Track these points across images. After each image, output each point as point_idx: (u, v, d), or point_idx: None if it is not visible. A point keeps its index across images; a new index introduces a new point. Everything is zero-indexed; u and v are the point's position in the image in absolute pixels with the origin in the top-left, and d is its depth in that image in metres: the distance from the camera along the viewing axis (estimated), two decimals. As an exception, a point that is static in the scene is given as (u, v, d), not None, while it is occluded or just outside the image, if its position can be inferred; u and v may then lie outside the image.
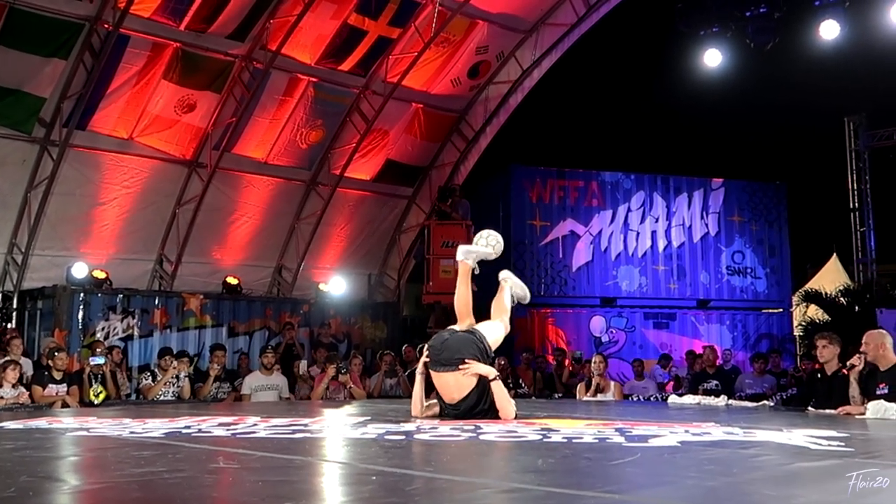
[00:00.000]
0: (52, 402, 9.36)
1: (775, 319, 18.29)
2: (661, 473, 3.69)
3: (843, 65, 15.96)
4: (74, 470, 3.90)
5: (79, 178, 13.68)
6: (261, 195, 15.58)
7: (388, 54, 15.04)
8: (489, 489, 3.12)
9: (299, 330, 14.81)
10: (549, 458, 3.99)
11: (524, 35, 16.16)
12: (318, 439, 4.84)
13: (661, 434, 4.80)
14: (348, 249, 17.01)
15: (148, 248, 14.80)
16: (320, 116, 15.29)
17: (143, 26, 12.85)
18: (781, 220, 18.54)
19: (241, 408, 8.81)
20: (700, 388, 11.30)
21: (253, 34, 13.71)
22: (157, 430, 5.14)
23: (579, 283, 17.36)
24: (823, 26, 13.64)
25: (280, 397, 10.86)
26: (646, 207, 17.89)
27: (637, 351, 16.37)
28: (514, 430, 5.07)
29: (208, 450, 4.40)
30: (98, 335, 13.16)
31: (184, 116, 14.07)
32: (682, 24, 14.81)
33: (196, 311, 14.35)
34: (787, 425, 5.48)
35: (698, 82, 15.38)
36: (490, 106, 16.96)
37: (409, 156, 16.82)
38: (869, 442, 4.89)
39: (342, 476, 3.62)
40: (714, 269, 18.07)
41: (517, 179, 17.26)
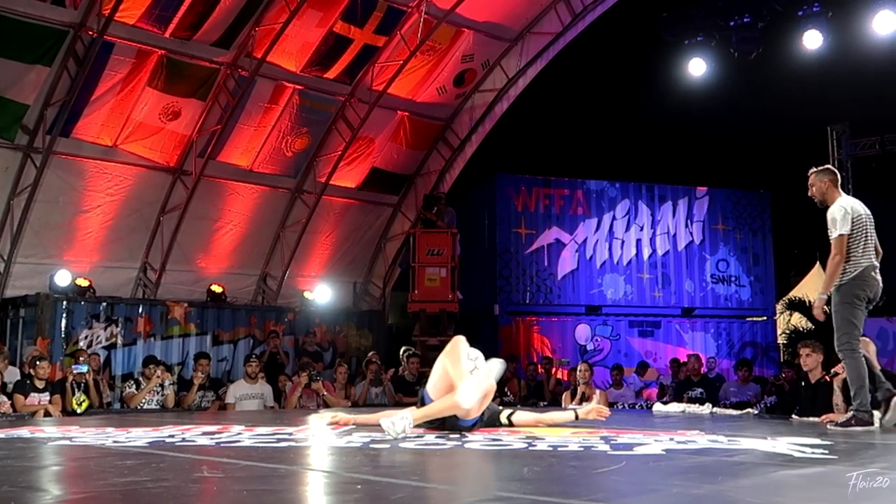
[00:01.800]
0: (34, 411, 9.29)
1: (759, 327, 18.37)
2: (646, 481, 3.70)
3: (826, 74, 16.08)
4: (57, 480, 3.87)
5: (62, 186, 13.60)
6: (246, 203, 15.54)
7: (374, 62, 15.05)
8: (474, 498, 3.12)
9: (284, 338, 14.75)
10: (534, 467, 3.99)
11: (510, 44, 16.20)
12: (302, 448, 4.83)
13: (646, 442, 4.81)
14: (333, 257, 16.98)
15: (132, 255, 14.72)
16: (306, 124, 15.27)
17: (127, 33, 12.81)
18: (765, 229, 18.64)
19: (226, 417, 8.78)
20: (685, 396, 11.34)
21: (238, 42, 13.69)
22: (140, 439, 5.12)
23: (564, 292, 17.38)
24: (806, 36, 13.73)
25: (265, 406, 10.82)
26: (631, 216, 17.94)
27: (622, 359, 16.38)
28: (499, 438, 5.07)
29: (192, 459, 4.38)
30: (81, 343, 13.07)
31: (168, 124, 14.02)
32: (667, 34, 14.88)
33: (180, 319, 14.28)
34: (771, 433, 5.51)
35: (683, 91, 15.45)
36: (476, 114, 16.99)
37: (394, 164, 16.82)
38: (852, 449, 4.91)
39: (327, 485, 3.61)
40: (699, 277, 18.14)
41: (503, 187, 17.28)
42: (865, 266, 6.53)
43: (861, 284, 6.51)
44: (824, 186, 6.88)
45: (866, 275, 6.53)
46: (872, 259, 6.60)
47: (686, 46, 14.78)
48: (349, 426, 5.80)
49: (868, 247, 6.60)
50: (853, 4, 13.63)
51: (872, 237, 6.68)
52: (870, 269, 6.55)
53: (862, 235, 6.59)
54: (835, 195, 6.83)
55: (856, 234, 6.59)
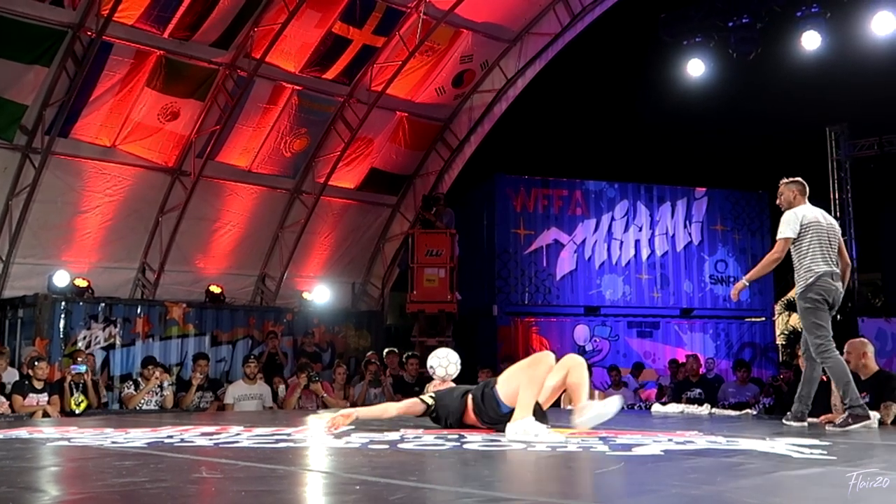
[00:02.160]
0: (32, 411, 9.29)
1: (758, 328, 18.37)
2: (645, 482, 3.69)
3: (824, 75, 16.09)
4: (55, 480, 3.87)
5: (61, 186, 13.59)
6: (244, 203, 15.53)
7: (373, 63, 15.04)
8: (472, 498, 3.11)
9: (283, 339, 14.74)
10: (533, 467, 3.99)
11: (508, 44, 16.20)
12: (301, 449, 4.83)
13: (645, 443, 4.81)
14: (332, 258, 16.97)
15: (130, 256, 14.71)
16: (304, 125, 15.27)
17: (126, 34, 12.80)
18: (764, 230, 18.62)
19: (224, 417, 8.77)
20: (683, 396, 11.35)
21: (237, 42, 13.69)
22: (139, 439, 5.12)
23: (563, 292, 17.38)
24: (805, 37, 13.73)
25: (263, 406, 10.82)
26: (629, 216, 17.94)
27: (621, 360, 16.38)
28: (497, 439, 5.07)
29: (191, 459, 4.38)
30: (80, 344, 13.06)
31: (167, 124, 14.01)
32: (666, 34, 14.89)
33: (179, 319, 14.26)
34: (769, 434, 5.51)
35: (682, 92, 15.46)
36: (474, 115, 16.98)
37: (393, 164, 16.82)
38: (850, 450, 4.92)
39: (326, 485, 3.60)
40: (697, 277, 18.14)
41: (501, 188, 17.28)
42: (822, 272, 6.69)
43: (818, 289, 6.68)
44: (791, 196, 7.08)
45: (823, 281, 6.68)
46: (831, 266, 6.74)
47: (685, 47, 14.79)
48: (349, 424, 5.71)
49: (826, 254, 6.75)
50: (852, 5, 13.63)
51: (834, 245, 6.83)
52: (827, 276, 6.70)
53: (817, 242, 6.76)
54: (798, 202, 7.03)
55: (808, 240, 6.78)
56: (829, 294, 6.68)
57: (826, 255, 6.74)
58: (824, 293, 6.67)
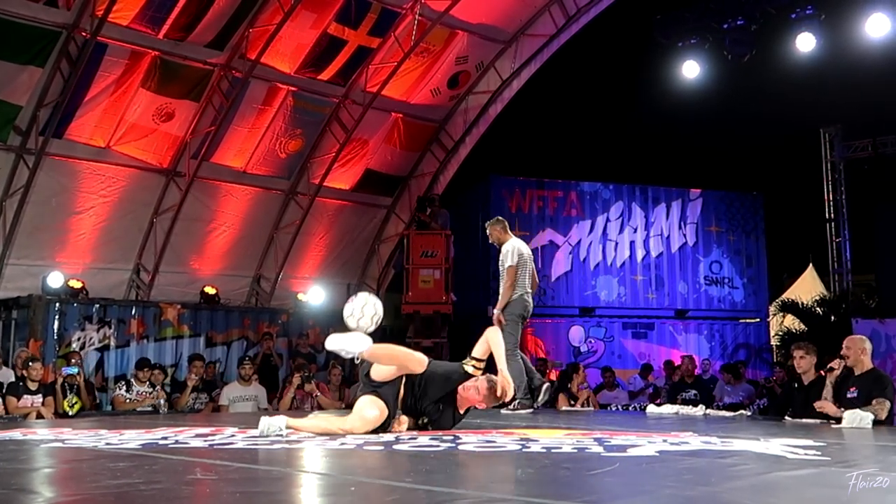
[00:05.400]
0: (26, 413, 9.26)
1: (752, 329, 18.41)
2: (640, 483, 3.70)
3: (818, 77, 16.14)
4: (49, 482, 3.86)
5: (55, 187, 13.55)
6: (239, 204, 15.51)
7: (368, 64, 15.03)
8: (468, 499, 3.11)
9: (277, 340, 14.72)
10: (527, 468, 3.99)
11: (504, 45, 16.20)
12: (296, 450, 4.82)
13: (640, 444, 4.81)
14: (327, 259, 16.95)
15: (125, 257, 14.68)
16: (299, 126, 15.25)
17: (121, 34, 12.77)
18: (758, 231, 18.68)
19: (219, 419, 8.76)
20: (678, 397, 11.36)
21: (232, 43, 13.66)
22: (133, 441, 5.11)
23: (558, 293, 17.39)
24: (800, 39, 13.75)
25: (258, 408, 10.81)
26: (624, 217, 17.97)
27: (616, 361, 16.40)
28: (493, 440, 5.07)
29: (185, 461, 4.37)
30: (74, 345, 13.02)
31: (162, 125, 13.98)
32: (661, 36, 14.90)
33: (173, 321, 14.23)
34: (764, 435, 5.52)
35: (676, 93, 15.48)
36: (469, 116, 16.98)
37: (388, 165, 16.81)
38: (845, 451, 4.93)
39: (321, 487, 3.60)
40: (692, 279, 18.17)
41: (496, 189, 17.29)
42: (522, 293, 8.40)
43: (517, 306, 8.37)
44: (497, 233, 8.80)
45: (524, 298, 8.41)
46: (527, 287, 8.46)
47: (679, 49, 14.80)
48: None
49: (525, 278, 8.44)
50: (846, 7, 13.66)
51: (530, 270, 8.53)
52: (524, 295, 8.42)
53: (523, 269, 8.43)
54: (506, 237, 8.70)
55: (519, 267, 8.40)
56: (525, 309, 8.43)
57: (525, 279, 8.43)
58: (521, 309, 8.38)
